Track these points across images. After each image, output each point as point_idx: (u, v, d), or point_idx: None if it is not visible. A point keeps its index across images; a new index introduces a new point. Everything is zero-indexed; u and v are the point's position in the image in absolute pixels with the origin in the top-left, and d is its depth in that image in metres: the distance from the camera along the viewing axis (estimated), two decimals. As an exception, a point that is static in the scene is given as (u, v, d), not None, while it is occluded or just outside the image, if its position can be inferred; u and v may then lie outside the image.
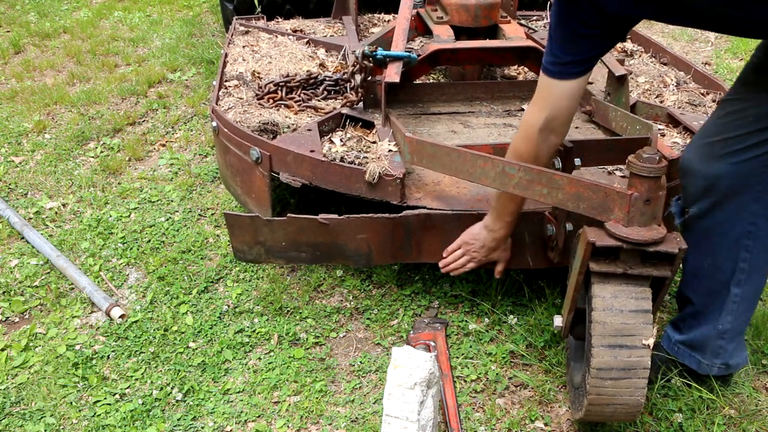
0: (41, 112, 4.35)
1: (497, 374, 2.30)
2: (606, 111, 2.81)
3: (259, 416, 2.18)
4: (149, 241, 3.05)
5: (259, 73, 3.33)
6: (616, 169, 2.57)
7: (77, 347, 2.46)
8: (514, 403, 2.21)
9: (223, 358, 2.40)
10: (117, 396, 2.26)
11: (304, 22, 4.27)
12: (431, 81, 3.49)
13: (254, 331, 2.52)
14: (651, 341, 1.75)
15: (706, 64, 4.91)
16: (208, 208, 3.28)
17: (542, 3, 4.50)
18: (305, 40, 3.83)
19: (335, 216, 2.30)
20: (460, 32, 3.26)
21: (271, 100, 3.02)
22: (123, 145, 3.90)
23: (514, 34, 3.18)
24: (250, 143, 2.62)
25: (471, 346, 2.42)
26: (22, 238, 3.08)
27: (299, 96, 3.06)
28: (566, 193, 1.88)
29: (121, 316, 2.59)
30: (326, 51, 3.71)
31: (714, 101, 3.10)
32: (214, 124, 2.86)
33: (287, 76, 3.21)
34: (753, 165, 1.83)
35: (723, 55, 5.12)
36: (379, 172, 2.38)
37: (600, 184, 1.82)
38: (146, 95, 4.58)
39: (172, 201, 3.34)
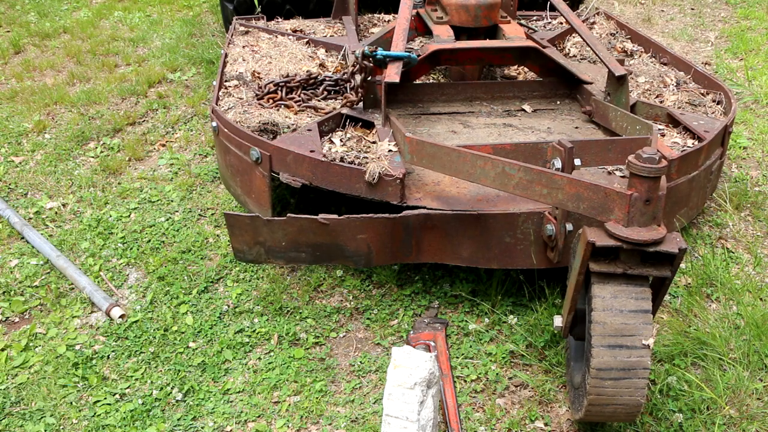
0: (41, 112, 4.35)
1: (497, 374, 2.30)
2: (606, 111, 2.81)
3: (259, 416, 2.18)
4: (149, 241, 3.05)
5: (259, 73, 3.34)
6: (616, 169, 2.57)
7: (77, 347, 2.46)
8: (514, 403, 2.21)
9: (223, 358, 2.40)
10: (117, 396, 2.26)
11: (304, 22, 4.27)
12: (431, 81, 3.49)
13: (254, 331, 2.52)
14: (651, 341, 1.75)
15: (706, 64, 4.91)
16: (208, 208, 3.28)
17: (542, 3, 4.49)
18: (305, 40, 3.83)
19: (335, 216, 2.30)
20: (460, 32, 3.26)
21: (271, 101, 3.03)
22: (123, 145, 3.90)
23: (514, 34, 3.18)
24: (250, 143, 2.62)
25: (471, 346, 2.42)
26: (22, 238, 3.08)
27: (299, 96, 3.06)
28: (566, 193, 1.88)
29: (121, 316, 2.59)
30: (326, 51, 3.71)
31: (714, 101, 3.10)
32: (214, 124, 2.86)
33: (287, 76, 3.21)
34: None
35: (723, 55, 5.12)
36: (379, 172, 2.38)
37: (600, 184, 1.82)
38: (146, 95, 4.58)
39: (172, 201, 3.34)
